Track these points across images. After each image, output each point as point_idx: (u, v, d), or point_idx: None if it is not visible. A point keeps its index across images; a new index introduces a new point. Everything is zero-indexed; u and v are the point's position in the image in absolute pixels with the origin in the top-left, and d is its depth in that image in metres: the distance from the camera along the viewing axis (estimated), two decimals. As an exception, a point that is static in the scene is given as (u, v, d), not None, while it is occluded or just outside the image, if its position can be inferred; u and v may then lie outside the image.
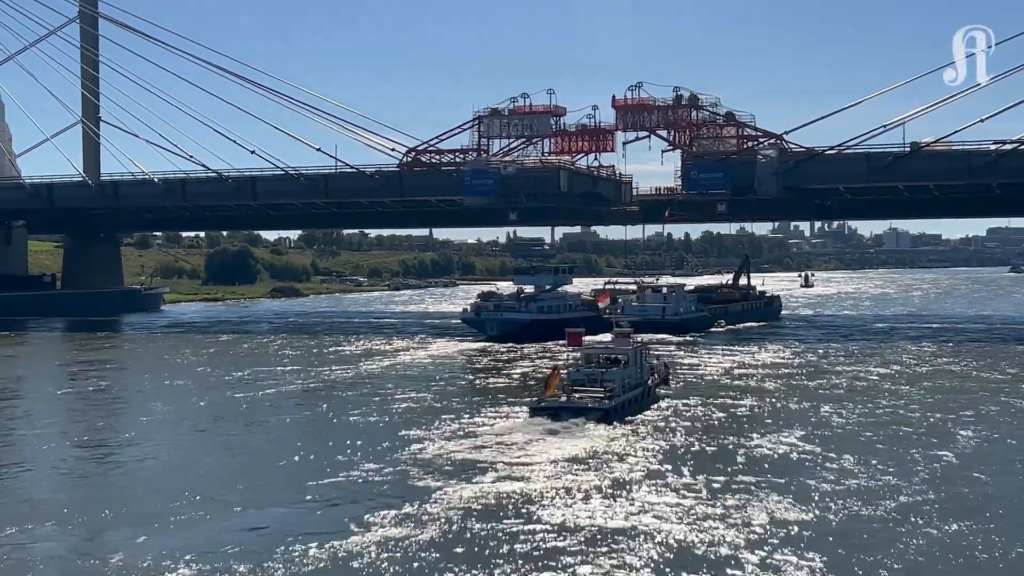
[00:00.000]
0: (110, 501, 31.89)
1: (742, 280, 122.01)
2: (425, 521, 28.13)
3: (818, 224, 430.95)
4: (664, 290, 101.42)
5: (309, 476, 33.84)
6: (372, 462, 35.54)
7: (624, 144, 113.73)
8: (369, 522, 27.99)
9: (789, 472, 34.06)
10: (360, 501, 30.63)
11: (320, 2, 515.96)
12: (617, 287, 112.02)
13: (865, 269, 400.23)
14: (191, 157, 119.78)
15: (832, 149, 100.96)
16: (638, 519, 28.38)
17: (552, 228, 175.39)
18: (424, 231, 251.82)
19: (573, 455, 36.13)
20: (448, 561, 25.00)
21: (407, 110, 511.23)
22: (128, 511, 30.50)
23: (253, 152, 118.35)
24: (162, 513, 29.56)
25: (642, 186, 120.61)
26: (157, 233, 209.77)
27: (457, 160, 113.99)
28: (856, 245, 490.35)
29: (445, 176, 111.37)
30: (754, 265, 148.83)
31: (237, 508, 30.32)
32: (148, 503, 31.22)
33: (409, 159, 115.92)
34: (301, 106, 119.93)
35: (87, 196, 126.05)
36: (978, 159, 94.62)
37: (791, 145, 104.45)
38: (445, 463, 35.30)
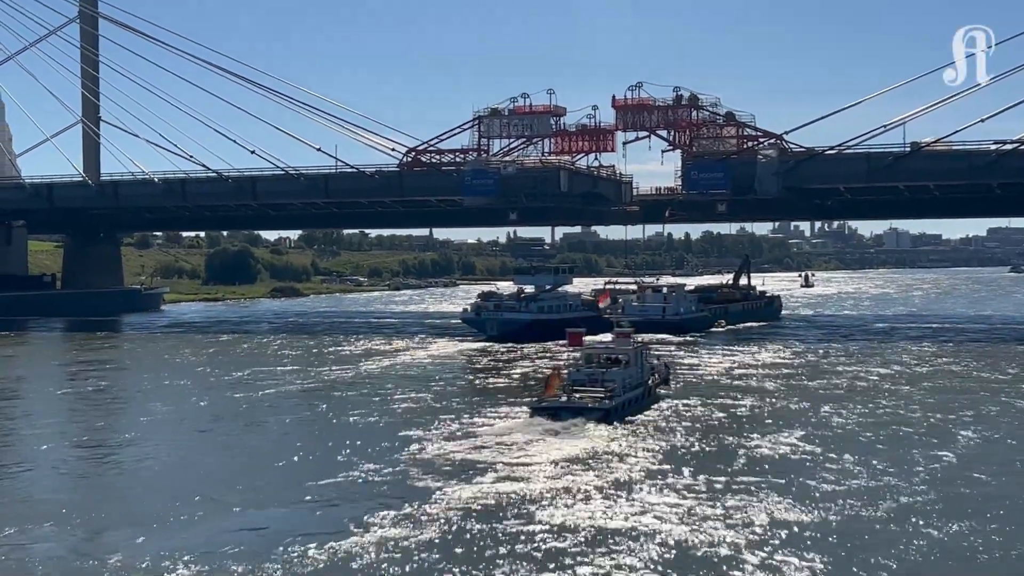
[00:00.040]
0: (109, 501, 31.89)
1: (742, 280, 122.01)
2: (425, 522, 28.09)
3: (818, 224, 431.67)
4: (664, 290, 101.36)
5: (309, 476, 33.80)
6: (372, 462, 35.50)
7: (624, 144, 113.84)
8: (369, 522, 27.94)
9: (790, 472, 34.02)
10: (360, 501, 30.59)
11: (320, 2, 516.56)
12: (617, 287, 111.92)
13: (865, 269, 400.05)
14: (191, 157, 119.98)
15: (832, 149, 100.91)
16: (639, 519, 28.33)
17: (552, 228, 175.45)
18: (424, 231, 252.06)
19: (574, 455, 36.08)
20: (448, 562, 24.95)
21: (407, 110, 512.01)
22: (127, 511, 30.48)
23: (253, 152, 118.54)
24: (161, 513, 29.52)
25: (642, 186, 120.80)
26: (157, 233, 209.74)
27: (457, 160, 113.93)
28: (856, 245, 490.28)
29: (445, 176, 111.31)
30: (754, 265, 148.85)
31: (236, 508, 30.29)
32: (147, 503, 31.19)
33: (409, 159, 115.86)
34: (301, 106, 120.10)
35: (87, 196, 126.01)
36: (978, 159, 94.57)
37: (791, 145, 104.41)
38: (445, 463, 35.25)
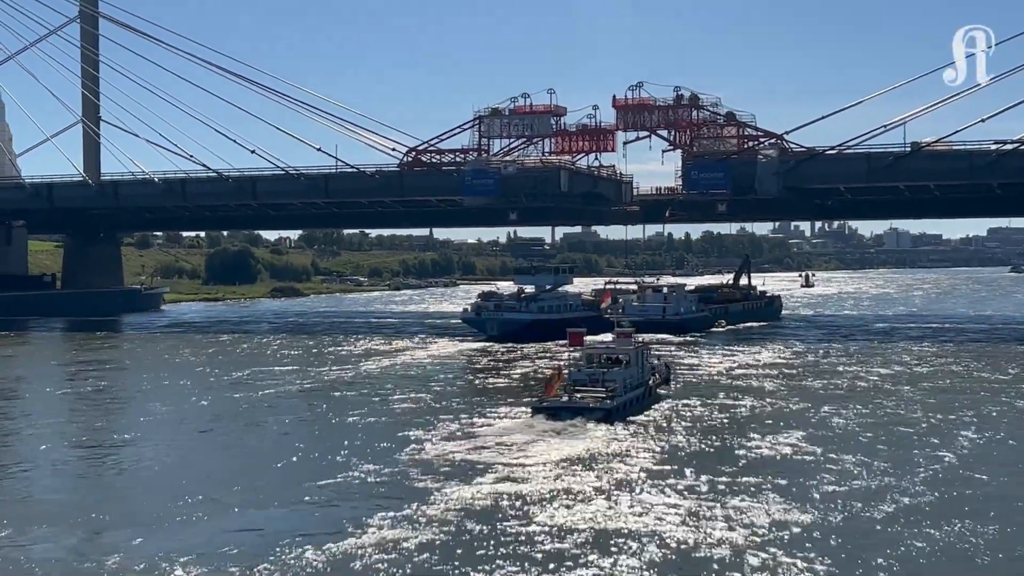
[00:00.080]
0: (108, 501, 31.80)
1: (743, 280, 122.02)
2: (424, 522, 28.02)
3: (818, 224, 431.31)
4: (665, 290, 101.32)
5: (308, 477, 33.74)
6: (371, 463, 35.43)
7: (624, 144, 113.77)
8: (368, 523, 27.87)
9: (790, 473, 33.95)
10: (359, 502, 30.52)
11: (320, 2, 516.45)
12: (617, 287, 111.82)
13: (866, 269, 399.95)
14: (191, 157, 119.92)
15: (833, 149, 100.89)
16: (640, 520, 28.28)
17: (552, 228, 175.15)
18: (424, 231, 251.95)
19: (575, 455, 36.03)
20: (448, 563, 24.89)
21: (407, 110, 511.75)
22: (127, 511, 30.41)
23: (253, 152, 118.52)
24: (161, 514, 29.46)
25: (642, 186, 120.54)
26: (157, 233, 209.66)
27: (457, 160, 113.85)
28: (856, 245, 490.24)
29: (445, 176, 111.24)
30: (754, 265, 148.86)
31: (236, 509, 30.24)
32: (147, 503, 31.14)
33: (409, 159, 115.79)
34: (301, 106, 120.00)
35: (87, 196, 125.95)
36: (979, 159, 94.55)
37: (792, 145, 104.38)
38: (445, 464, 35.19)
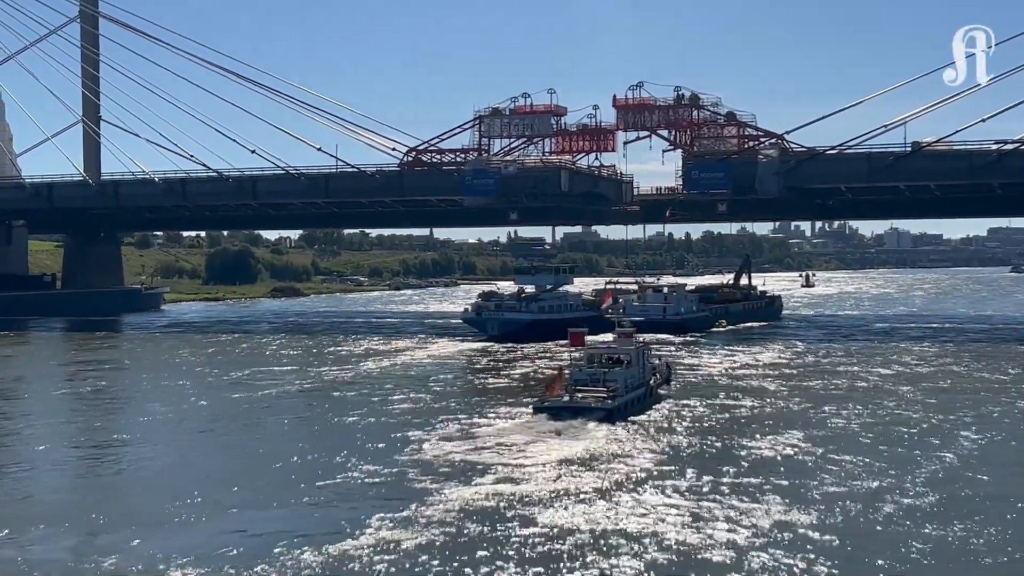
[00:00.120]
0: (107, 502, 31.75)
1: (743, 280, 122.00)
2: (424, 523, 27.94)
3: (819, 224, 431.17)
4: (665, 290, 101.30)
5: (308, 477, 33.66)
6: (371, 463, 35.34)
7: (625, 144, 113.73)
8: (368, 524, 27.78)
9: (791, 473, 33.88)
10: (359, 503, 30.44)
11: (320, 2, 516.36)
12: (618, 287, 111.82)
13: (866, 269, 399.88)
14: (191, 157, 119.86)
15: (833, 149, 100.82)
16: (641, 521, 28.19)
17: (553, 228, 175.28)
18: (425, 231, 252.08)
19: (576, 456, 35.96)
20: (448, 564, 24.81)
21: (408, 110, 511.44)
22: (126, 512, 30.34)
23: (253, 152, 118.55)
24: (159, 514, 29.38)
25: (643, 186, 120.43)
26: (157, 233, 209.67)
27: (458, 160, 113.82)
28: (857, 245, 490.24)
29: (446, 176, 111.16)
30: (755, 265, 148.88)
31: (235, 509, 30.16)
32: (146, 504, 31.06)
33: (410, 159, 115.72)
34: (302, 106, 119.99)
35: (87, 196, 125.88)
36: (980, 159, 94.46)
37: (792, 145, 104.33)
38: (445, 464, 35.11)
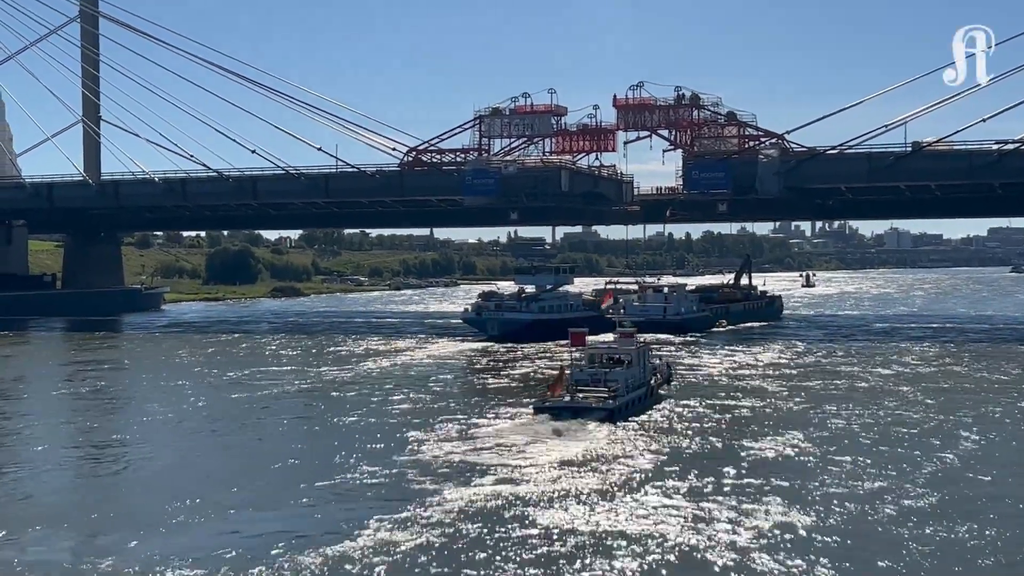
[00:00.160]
0: (106, 502, 31.65)
1: (743, 280, 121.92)
2: (424, 525, 27.86)
3: (819, 224, 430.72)
4: (665, 290, 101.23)
5: (307, 478, 33.57)
6: (371, 464, 35.25)
7: (625, 144, 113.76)
8: (367, 525, 27.69)
9: (792, 474, 33.81)
10: (358, 504, 30.36)
11: (320, 2, 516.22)
12: (618, 287, 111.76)
13: (866, 269, 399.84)
14: (192, 156, 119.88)
15: (834, 149, 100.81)
16: (642, 522, 28.13)
17: (553, 228, 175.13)
18: (425, 231, 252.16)
19: (577, 456, 35.87)
20: (448, 566, 24.74)
21: (408, 110, 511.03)
22: (125, 512, 30.26)
23: (254, 151, 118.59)
24: (159, 515, 29.28)
25: (643, 186, 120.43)
26: (158, 233, 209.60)
27: (458, 160, 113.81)
28: (857, 245, 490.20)
29: (446, 176, 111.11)
30: (755, 265, 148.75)
31: (234, 510, 30.06)
32: (145, 505, 30.98)
33: (410, 159, 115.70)
34: (302, 105, 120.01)
35: (87, 196, 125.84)
36: (980, 159, 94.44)
37: (792, 145, 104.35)
38: (445, 465, 35.01)
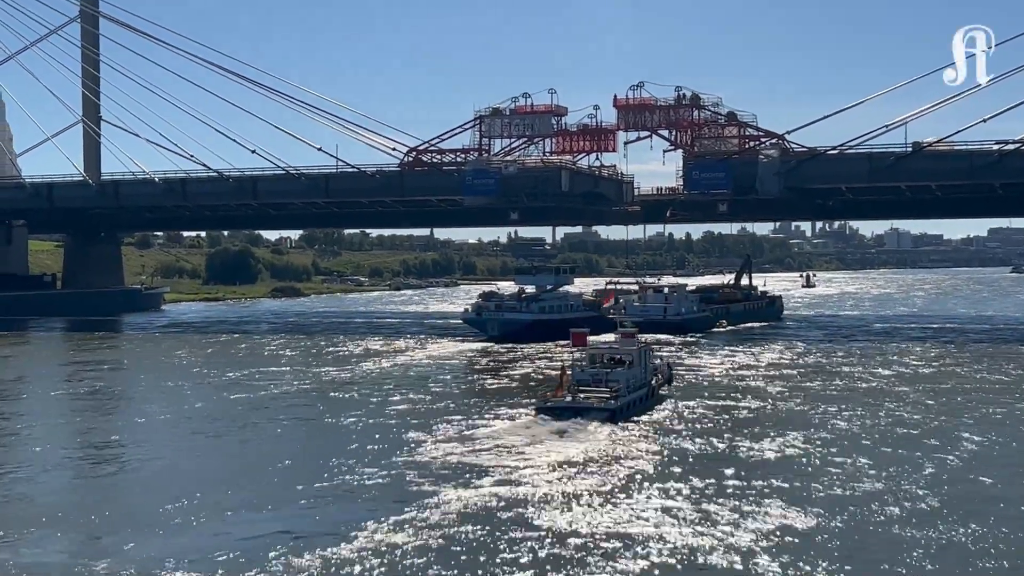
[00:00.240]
0: (105, 503, 31.57)
1: (744, 280, 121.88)
2: (425, 526, 27.78)
3: (819, 224, 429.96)
4: (666, 290, 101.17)
5: (306, 479, 33.47)
6: (371, 465, 35.17)
7: (625, 144, 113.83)
8: (367, 527, 27.61)
9: (793, 475, 33.73)
10: (358, 505, 30.30)
11: (320, 2, 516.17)
12: (619, 287, 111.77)
13: (866, 269, 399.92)
14: (192, 157, 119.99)
15: (834, 149, 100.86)
16: (643, 523, 28.06)
17: (553, 228, 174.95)
18: (425, 231, 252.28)
19: (578, 457, 35.79)
20: (448, 567, 24.66)
21: (408, 110, 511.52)
22: (124, 513, 30.19)
23: (254, 152, 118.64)
24: (157, 516, 29.22)
25: (643, 186, 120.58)
26: (158, 233, 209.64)
27: (458, 160, 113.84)
28: (857, 245, 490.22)
29: (446, 176, 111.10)
30: (755, 265, 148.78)
31: (232, 511, 29.97)
32: (143, 505, 30.90)
33: (410, 159, 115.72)
34: (302, 106, 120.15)
35: (87, 196, 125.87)
36: (980, 159, 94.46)
37: (793, 145, 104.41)
38: (446, 466, 34.92)
